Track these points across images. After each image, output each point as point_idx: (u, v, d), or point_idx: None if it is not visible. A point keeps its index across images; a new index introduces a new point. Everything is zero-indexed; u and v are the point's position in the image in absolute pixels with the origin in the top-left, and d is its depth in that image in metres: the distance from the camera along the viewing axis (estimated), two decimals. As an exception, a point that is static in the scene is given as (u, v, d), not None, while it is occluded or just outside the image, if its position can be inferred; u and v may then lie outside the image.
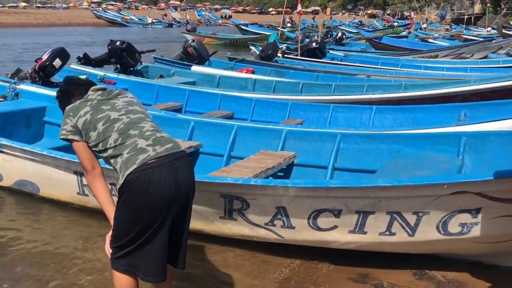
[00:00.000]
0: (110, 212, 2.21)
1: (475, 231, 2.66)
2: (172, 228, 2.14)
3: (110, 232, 2.21)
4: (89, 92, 2.32)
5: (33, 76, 6.06)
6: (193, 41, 9.76)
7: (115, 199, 2.17)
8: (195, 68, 8.52)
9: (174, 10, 62.62)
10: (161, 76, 8.01)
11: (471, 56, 13.77)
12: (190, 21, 42.62)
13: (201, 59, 9.22)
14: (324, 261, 3.17)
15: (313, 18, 41.30)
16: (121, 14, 54.48)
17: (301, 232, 3.03)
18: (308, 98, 6.40)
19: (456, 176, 2.66)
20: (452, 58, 13.35)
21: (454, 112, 5.23)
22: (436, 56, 13.41)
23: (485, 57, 13.69)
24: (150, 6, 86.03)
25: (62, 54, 6.25)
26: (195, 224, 3.37)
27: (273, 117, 5.91)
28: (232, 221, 3.19)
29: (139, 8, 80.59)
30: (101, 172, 2.27)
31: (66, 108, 2.30)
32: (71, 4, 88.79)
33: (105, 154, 2.20)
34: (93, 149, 2.24)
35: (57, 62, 6.11)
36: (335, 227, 2.92)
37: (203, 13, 62.36)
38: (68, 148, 4.19)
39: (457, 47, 14.87)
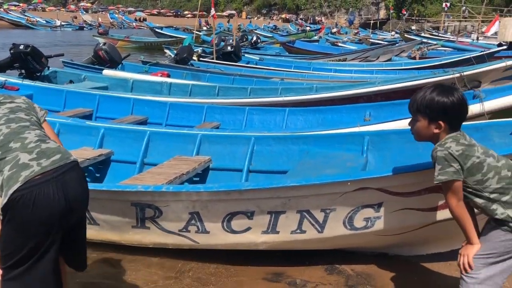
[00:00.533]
0: None
1: (378, 224, 2.83)
2: (67, 241, 2.05)
3: None
4: None
5: None
6: (104, 44, 9.42)
7: None
8: (107, 72, 8.20)
9: (84, 13, 60.04)
10: (70, 81, 7.62)
11: (377, 59, 14.65)
12: (103, 24, 40.99)
13: (113, 63, 8.92)
14: (238, 263, 3.19)
15: (228, 22, 41.55)
16: (26, 15, 51.19)
17: (216, 236, 3.04)
18: (224, 101, 6.43)
19: (359, 173, 2.80)
20: (359, 61, 14.10)
21: (360, 112, 5.52)
22: (345, 59, 14.10)
23: (389, 60, 14.61)
24: (59, 8, 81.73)
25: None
26: (107, 235, 3.27)
27: (189, 121, 5.87)
28: (145, 229, 3.12)
29: (47, 10, 76.15)
30: None
31: None
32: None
33: None
34: None
35: None
36: (249, 228, 2.96)
37: (116, 15, 60.48)
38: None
39: (364, 51, 15.73)
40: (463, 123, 2.26)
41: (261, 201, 2.82)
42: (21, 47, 7.08)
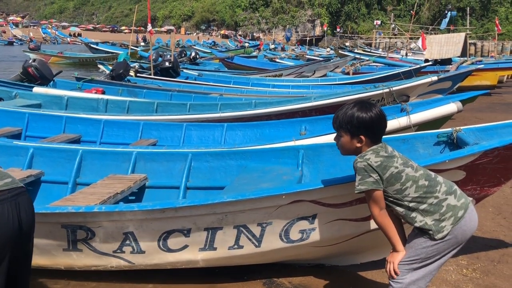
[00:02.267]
0: None
1: (314, 236, 2.88)
2: (12, 266, 1.96)
3: None
4: None
5: None
6: (34, 60, 9.00)
7: None
8: (37, 89, 7.86)
9: (14, 27, 57.44)
10: (0, 99, 7.23)
11: (312, 74, 15.08)
12: (34, 39, 39.42)
13: (44, 80, 8.57)
14: (177, 281, 3.14)
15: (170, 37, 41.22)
16: None
17: (152, 256, 2.97)
18: (161, 117, 6.35)
19: (293, 186, 2.85)
20: (294, 77, 14.44)
21: (296, 127, 5.65)
22: (281, 75, 14.38)
23: (324, 75, 15.08)
24: (-15, 21, 77.64)
25: None
26: (36, 260, 3.07)
27: (125, 138, 5.72)
28: (77, 252, 2.99)
29: (-29, 24, 72.19)
30: None
31: None
32: None
33: None
34: None
35: None
36: (185, 246, 2.92)
37: (49, 30, 58.34)
38: None
39: (298, 67, 16.14)
40: (392, 135, 2.39)
41: (198, 218, 2.80)
42: None
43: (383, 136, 2.41)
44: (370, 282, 3.19)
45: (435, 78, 7.25)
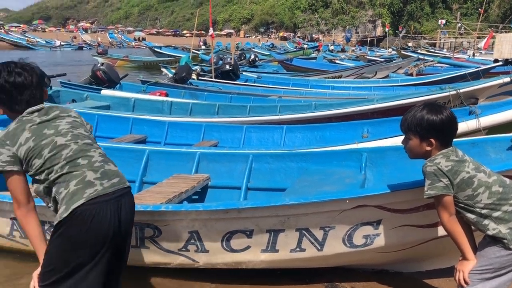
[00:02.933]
0: (43, 249, 2.07)
1: (378, 241, 2.82)
2: (110, 266, 2.08)
3: (39, 270, 2.06)
4: (24, 114, 2.13)
5: None
6: (102, 64, 9.48)
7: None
8: (105, 92, 8.26)
9: (84, 33, 60.64)
10: (73, 101, 7.68)
11: (374, 75, 14.76)
12: (102, 44, 41.39)
13: (111, 83, 8.99)
14: (238, 282, 3.18)
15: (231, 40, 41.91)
16: (26, 36, 51.66)
17: (215, 255, 3.02)
18: (222, 119, 6.47)
19: (357, 190, 2.80)
20: (354, 78, 14.20)
21: (358, 129, 5.56)
22: (340, 76, 14.18)
23: (387, 76, 14.72)
24: (59, 28, 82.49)
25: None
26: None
27: (188, 139, 5.90)
28: (144, 249, 3.10)
29: (47, 30, 77.01)
30: (34, 206, 2.12)
31: (2, 135, 2.08)
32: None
33: (45, 183, 2.06)
34: (35, 177, 2.09)
35: None
36: (248, 247, 2.95)
37: (115, 35, 61.06)
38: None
39: (359, 68, 15.85)
40: (461, 139, 2.29)
41: (260, 220, 2.82)
42: (24, 67, 7.12)
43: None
44: (436, 291, 3.08)
45: (507, 79, 6.87)
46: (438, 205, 2.23)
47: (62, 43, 46.33)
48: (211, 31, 12.13)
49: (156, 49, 31.78)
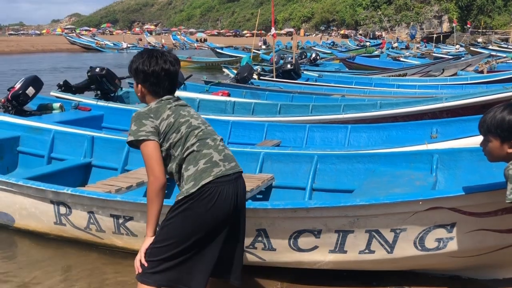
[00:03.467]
0: (155, 224, 2.23)
1: (451, 245, 2.72)
2: (226, 243, 2.24)
3: (147, 245, 2.20)
4: (163, 98, 2.33)
5: (6, 105, 6.01)
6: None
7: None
8: (170, 92, 8.51)
9: (149, 35, 62.77)
10: (143, 101, 7.98)
11: (441, 73, 14.18)
12: (166, 45, 42.70)
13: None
14: (304, 282, 3.17)
15: (291, 39, 41.89)
16: (95, 39, 54.36)
17: (282, 254, 3.04)
18: (284, 119, 6.48)
19: (431, 192, 2.72)
20: (420, 76, 13.71)
21: (426, 129, 5.37)
22: (405, 75, 13.75)
23: (455, 74, 14.11)
24: (125, 31, 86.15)
25: (35, 82, 6.20)
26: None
27: (250, 138, 5.95)
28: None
29: (114, 33, 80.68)
30: (166, 183, 2.25)
31: (145, 110, 2.28)
32: (44, 31, 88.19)
33: (177, 161, 2.23)
34: (168, 152, 2.25)
35: (30, 91, 6.06)
36: (315, 247, 2.94)
37: (178, 37, 62.76)
38: (43, 178, 4.17)
39: (425, 65, 15.29)
40: None
41: (329, 220, 2.80)
42: (97, 70, 7.55)
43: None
44: (514, 300, 2.92)
45: None
46: None
47: (129, 45, 48.15)
48: (273, 30, 12.18)
49: (217, 50, 32.35)
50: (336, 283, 3.13)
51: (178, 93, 8.40)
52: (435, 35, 40.99)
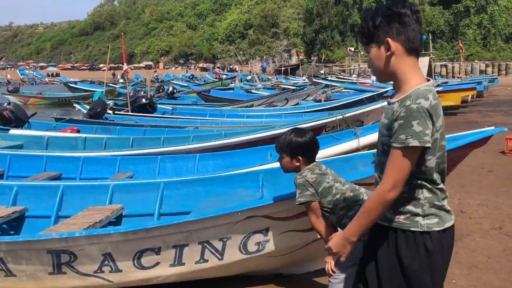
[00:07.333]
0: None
1: (269, 247, 3.32)
2: None
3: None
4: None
5: None
6: (9, 103, 9.34)
7: None
8: (14, 131, 8.14)
9: (-10, 70, 57.37)
10: (-18, 142, 7.55)
11: (286, 103, 15.72)
12: (12, 81, 39.56)
13: (20, 122, 8.92)
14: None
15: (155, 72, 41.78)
16: None
17: (128, 274, 3.34)
18: (136, 152, 6.75)
19: (246, 203, 3.29)
20: (265, 106, 15.05)
21: (263, 153, 6.11)
22: (252, 105, 14.99)
23: (297, 104, 15.74)
24: (-38, 66, 77.45)
25: None
26: (24, 284, 3.46)
27: (103, 173, 6.07)
28: (61, 275, 3.35)
29: None
30: None
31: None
32: None
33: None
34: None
35: None
36: (157, 263, 3.32)
37: (27, 71, 58.50)
38: None
39: (269, 97, 16.78)
40: (337, 157, 2.88)
41: (166, 237, 3.21)
42: None
43: (329, 158, 2.90)
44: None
45: (385, 103, 7.82)
46: (307, 210, 2.79)
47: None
48: (125, 67, 12.42)
49: (71, 85, 31.09)
50: None
51: (22, 132, 8.25)
52: (283, 68, 44.61)
